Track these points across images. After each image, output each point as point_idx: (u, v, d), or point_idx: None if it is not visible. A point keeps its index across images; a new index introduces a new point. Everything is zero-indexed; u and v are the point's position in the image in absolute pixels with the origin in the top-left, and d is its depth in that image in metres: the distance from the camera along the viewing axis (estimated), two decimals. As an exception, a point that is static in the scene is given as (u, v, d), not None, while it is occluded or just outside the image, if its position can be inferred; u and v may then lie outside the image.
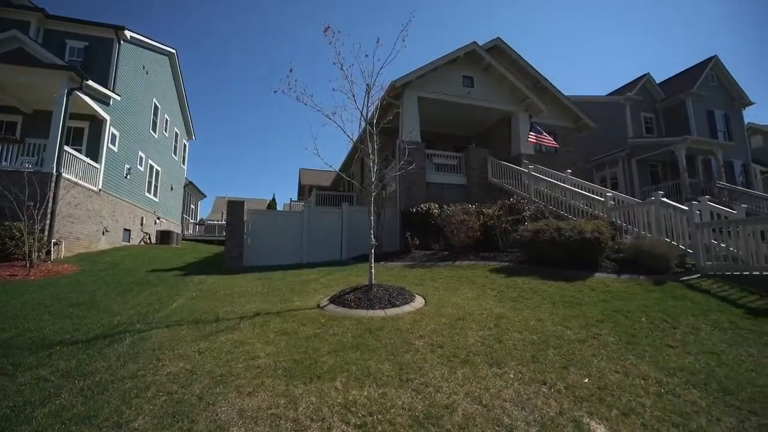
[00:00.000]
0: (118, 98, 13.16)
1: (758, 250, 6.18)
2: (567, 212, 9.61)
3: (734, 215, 7.20)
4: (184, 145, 23.47)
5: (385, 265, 8.78)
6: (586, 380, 3.14)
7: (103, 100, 12.52)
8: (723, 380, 3.22)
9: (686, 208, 7.11)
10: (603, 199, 9.02)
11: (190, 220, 25.88)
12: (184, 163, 23.43)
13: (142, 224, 15.85)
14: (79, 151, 11.65)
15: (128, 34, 13.77)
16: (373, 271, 5.66)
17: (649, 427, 2.58)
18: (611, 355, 3.61)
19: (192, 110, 25.61)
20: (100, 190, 12.13)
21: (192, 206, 27.40)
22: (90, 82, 11.09)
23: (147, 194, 16.68)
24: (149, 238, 16.29)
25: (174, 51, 18.67)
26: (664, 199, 7.53)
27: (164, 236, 16.44)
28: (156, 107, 17.46)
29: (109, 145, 12.96)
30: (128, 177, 14.48)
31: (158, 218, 17.84)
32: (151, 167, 17.17)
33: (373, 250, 5.82)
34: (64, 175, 9.96)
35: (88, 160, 11.52)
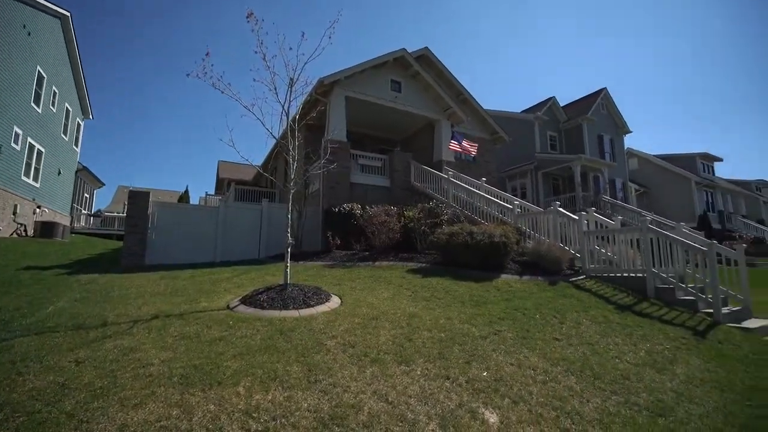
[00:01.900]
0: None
1: (628, 254, 7.27)
2: (480, 217, 10.33)
3: (613, 225, 8.37)
4: (78, 125, 20.46)
5: (305, 265, 8.58)
6: (485, 373, 3.38)
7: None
8: (594, 367, 3.71)
9: (577, 217, 8.08)
10: (511, 207, 9.87)
11: (84, 211, 22.68)
12: (77, 145, 20.41)
13: (15, 213, 13.44)
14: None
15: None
16: (289, 270, 5.48)
17: (534, 413, 2.86)
18: (508, 349, 3.94)
19: (91, 86, 22.46)
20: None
21: (86, 195, 24.00)
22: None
23: (24, 178, 14.19)
24: (24, 230, 13.87)
25: (68, 14, 16.17)
26: (560, 209, 8.48)
27: (46, 228, 14.14)
28: (41, 77, 14.95)
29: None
30: (-2, 156, 12.18)
31: (39, 207, 15.29)
32: (31, 147, 14.64)
33: (290, 249, 5.64)
34: None
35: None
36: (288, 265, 5.51)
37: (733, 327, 5.47)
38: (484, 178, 13.06)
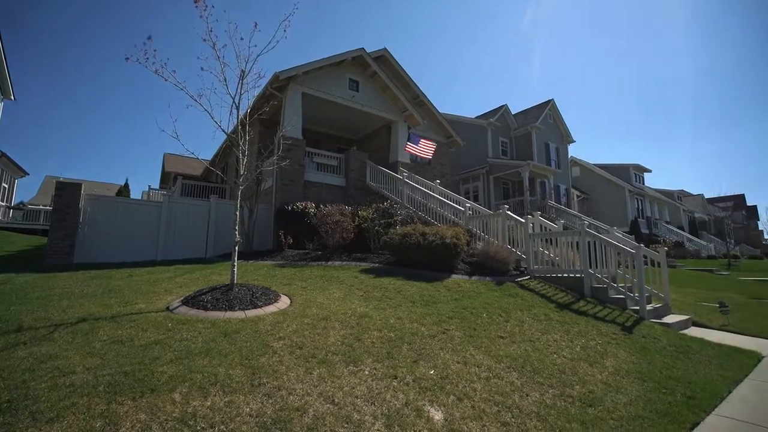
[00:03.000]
0: None
1: (569, 256, 7.74)
2: (433, 219, 10.54)
3: (555, 229, 8.88)
4: (-3, 106, 18.31)
5: (255, 264, 8.29)
6: (432, 372, 3.44)
7: None
8: (535, 362, 3.90)
9: (523, 221, 8.49)
10: (463, 209, 10.17)
11: (2, 203, 20.33)
12: (-5, 130, 18.26)
13: None
14: None
15: None
16: (236, 269, 5.26)
17: (477, 408, 2.95)
18: (455, 348, 4.03)
19: (13, 63, 20.20)
20: None
21: (5, 185, 21.54)
22: None
23: (-71, 164, 12.48)
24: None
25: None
26: (509, 213, 8.86)
27: (-45, 222, 12.52)
28: (-48, 51, 13.24)
29: None
30: None
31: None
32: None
33: (238, 248, 5.41)
34: None
35: None
36: (235, 264, 5.28)
37: (655, 322, 6.00)
38: (438, 180, 13.36)
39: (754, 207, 47.94)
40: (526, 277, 7.71)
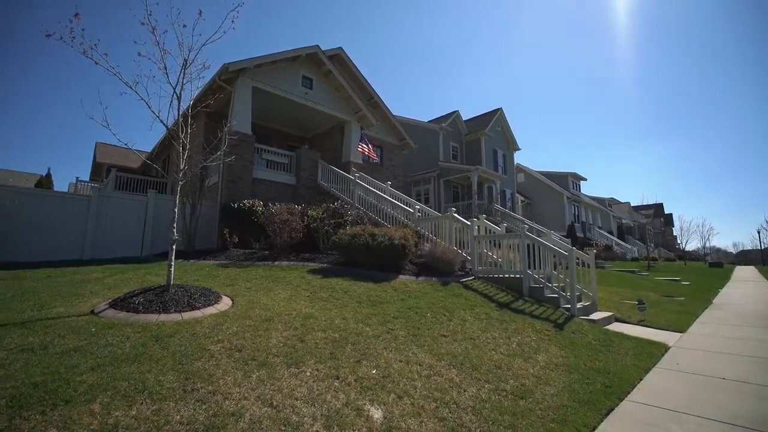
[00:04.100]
0: None
1: (511, 258, 8.16)
2: (384, 220, 10.64)
3: (499, 231, 9.33)
4: None
5: (196, 264, 7.87)
6: (374, 371, 3.46)
7: None
8: (474, 359, 4.07)
9: (469, 223, 8.83)
10: (412, 211, 10.36)
11: None
12: None
13: None
14: None
15: None
16: (173, 269, 4.95)
17: (416, 405, 3.02)
18: (399, 347, 4.10)
19: None
20: None
21: None
22: None
23: None
24: None
25: None
26: (456, 215, 9.17)
27: None
28: None
29: None
30: None
31: None
32: None
33: (175, 247, 5.10)
34: None
35: None
36: (172, 263, 4.97)
37: (584, 319, 6.50)
38: (389, 182, 13.49)
39: (671, 215, 53.73)
40: (471, 278, 8.01)
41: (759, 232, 33.35)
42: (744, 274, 22.54)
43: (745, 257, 52.84)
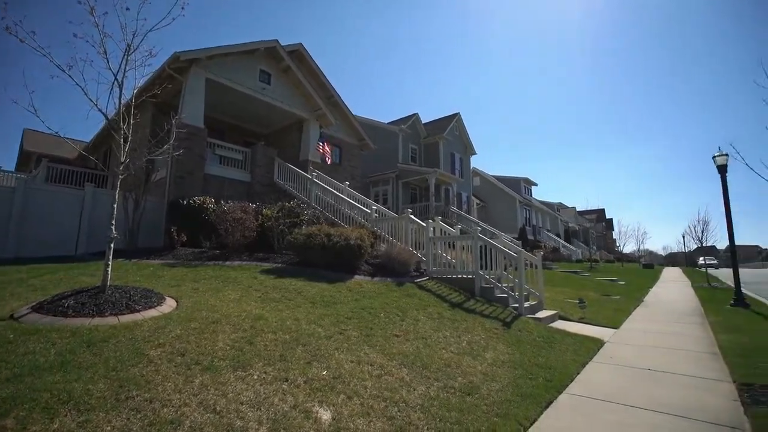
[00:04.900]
0: None
1: (464, 259, 8.41)
2: (341, 220, 10.57)
3: (453, 233, 9.58)
4: None
5: (139, 263, 7.39)
6: (325, 372, 3.43)
7: None
8: (425, 358, 4.14)
9: (425, 224, 8.98)
10: (369, 211, 10.38)
11: None
12: None
13: None
14: None
15: None
16: (110, 269, 4.61)
17: (366, 405, 3.02)
18: (351, 348, 4.08)
19: None
20: None
21: None
22: None
23: None
24: None
25: None
26: (412, 216, 9.30)
27: None
28: None
29: None
30: None
31: None
32: None
33: (114, 245, 4.75)
34: None
35: None
36: (110, 263, 4.62)
37: (530, 318, 6.84)
38: (347, 182, 13.43)
39: (611, 219, 58.03)
40: (426, 278, 8.16)
41: (683, 237, 36.84)
42: (671, 274, 24.82)
43: (672, 259, 58.20)
